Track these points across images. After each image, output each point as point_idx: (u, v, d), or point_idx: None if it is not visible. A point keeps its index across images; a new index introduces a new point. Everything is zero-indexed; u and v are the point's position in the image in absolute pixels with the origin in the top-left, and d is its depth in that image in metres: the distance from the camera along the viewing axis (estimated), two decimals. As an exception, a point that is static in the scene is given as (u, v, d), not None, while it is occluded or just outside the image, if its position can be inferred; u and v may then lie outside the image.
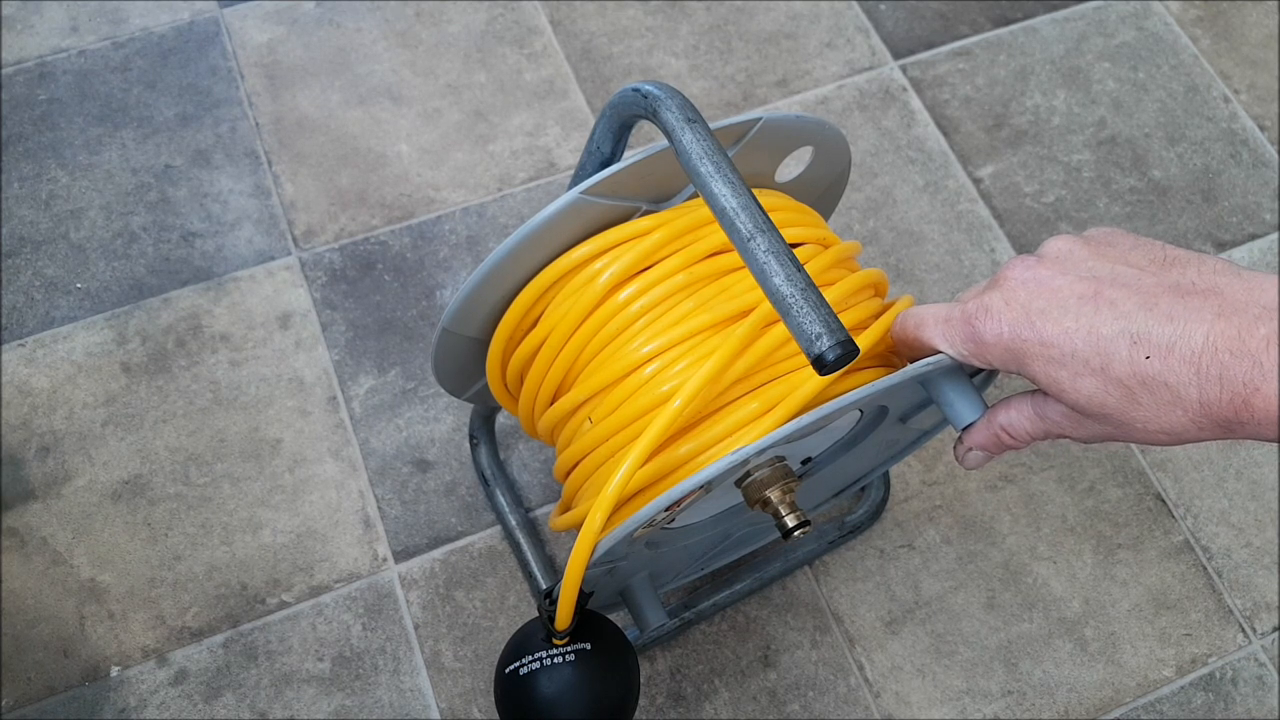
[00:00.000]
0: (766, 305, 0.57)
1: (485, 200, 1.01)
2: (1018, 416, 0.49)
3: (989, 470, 0.91)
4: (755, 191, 0.52)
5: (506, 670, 0.63)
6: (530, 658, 0.62)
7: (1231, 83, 1.11)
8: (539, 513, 0.88)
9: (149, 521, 0.86)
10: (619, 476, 0.55)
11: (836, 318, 0.46)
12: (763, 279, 0.48)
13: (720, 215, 0.50)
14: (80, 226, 0.98)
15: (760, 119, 0.61)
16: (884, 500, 0.89)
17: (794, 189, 0.69)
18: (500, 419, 0.90)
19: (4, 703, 0.79)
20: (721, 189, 0.50)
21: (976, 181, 1.05)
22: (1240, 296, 0.41)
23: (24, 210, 0.99)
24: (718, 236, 0.60)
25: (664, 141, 0.56)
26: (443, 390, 0.76)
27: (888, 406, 0.62)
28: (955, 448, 0.55)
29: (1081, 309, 0.42)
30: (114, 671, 0.81)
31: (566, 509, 0.66)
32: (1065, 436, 0.48)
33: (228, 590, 0.84)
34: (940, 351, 0.52)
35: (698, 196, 0.63)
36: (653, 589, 0.71)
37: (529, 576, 0.84)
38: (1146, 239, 0.46)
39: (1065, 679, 0.84)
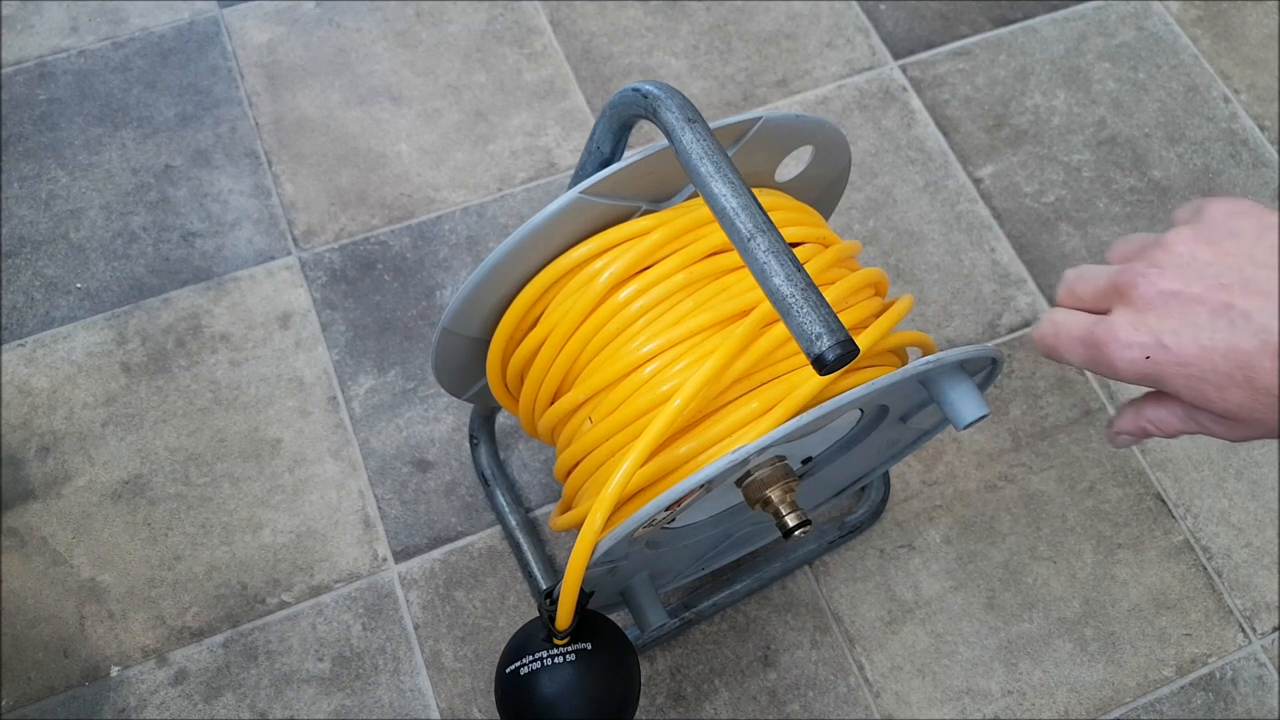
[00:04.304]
0: (766, 305, 0.57)
1: (485, 200, 1.01)
2: (1168, 415, 0.46)
3: (989, 470, 0.91)
4: (755, 191, 0.52)
5: (507, 670, 0.63)
6: (531, 658, 0.62)
7: (1231, 83, 1.11)
8: (539, 513, 0.88)
9: (149, 521, 0.86)
10: (619, 476, 0.55)
11: (836, 317, 0.46)
12: (763, 279, 0.48)
13: (720, 215, 0.50)
14: (80, 226, 0.98)
15: (760, 118, 0.61)
16: (884, 500, 0.89)
17: (794, 188, 0.69)
18: (500, 419, 0.90)
19: (4, 703, 0.79)
20: (721, 189, 0.50)
21: (976, 181, 1.05)
22: None
23: (24, 210, 0.99)
24: (717, 236, 0.60)
25: (664, 141, 0.56)
26: (443, 390, 0.76)
27: (888, 406, 0.62)
28: (1107, 426, 0.52)
29: (1216, 325, 0.41)
30: (114, 671, 0.81)
31: (567, 509, 0.66)
32: (1216, 436, 0.47)
33: (228, 590, 0.84)
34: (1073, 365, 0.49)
35: (698, 196, 0.63)
36: (653, 589, 0.71)
37: (529, 576, 0.84)
38: (1267, 217, 0.43)
39: (1065, 679, 0.84)
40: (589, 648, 0.62)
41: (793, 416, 0.55)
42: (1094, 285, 0.45)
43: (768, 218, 0.49)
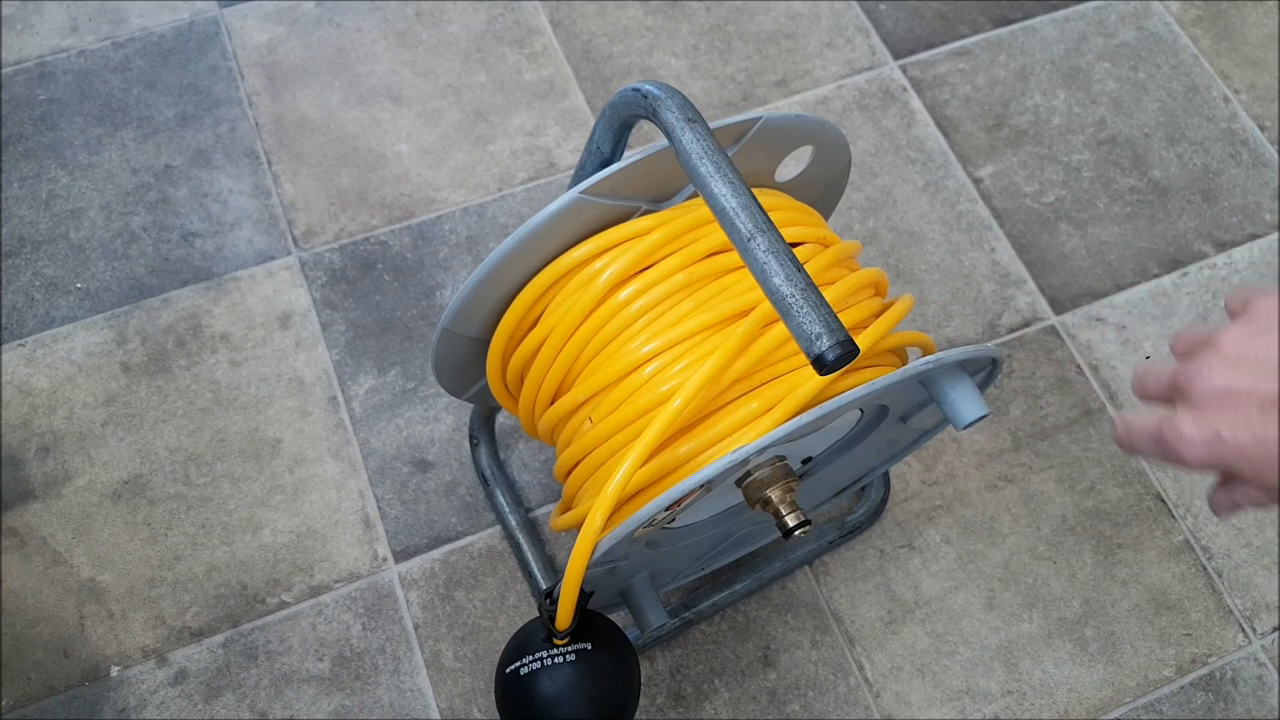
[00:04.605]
0: (766, 305, 0.57)
1: (485, 200, 1.01)
2: (1251, 492, 0.51)
3: (989, 470, 0.91)
4: (755, 191, 0.52)
5: (507, 670, 0.63)
6: (531, 658, 0.62)
7: (1231, 83, 1.11)
8: (539, 513, 0.88)
9: (149, 521, 0.86)
10: (619, 476, 0.55)
11: (836, 318, 0.46)
12: (763, 279, 0.48)
13: (720, 215, 0.50)
14: (80, 226, 0.98)
15: (760, 118, 0.61)
16: (884, 500, 0.89)
17: (794, 188, 0.69)
18: (500, 419, 0.90)
19: (4, 703, 0.79)
20: (721, 189, 0.50)
21: (976, 181, 1.05)
22: None
23: (24, 210, 0.99)
24: (717, 236, 0.60)
25: (664, 141, 0.56)
26: (443, 390, 0.76)
27: (888, 406, 0.62)
28: (1209, 500, 0.56)
29: (1267, 419, 0.45)
30: (114, 671, 0.81)
31: (567, 509, 0.66)
32: None
33: (228, 590, 0.84)
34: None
35: (698, 196, 0.63)
36: (653, 589, 0.71)
37: (529, 576, 0.84)
38: None
39: (1065, 679, 0.84)
40: (589, 648, 0.62)
41: (793, 416, 0.55)
42: (1159, 382, 0.49)
43: (768, 218, 0.49)
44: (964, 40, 1.13)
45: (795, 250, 0.53)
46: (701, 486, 0.53)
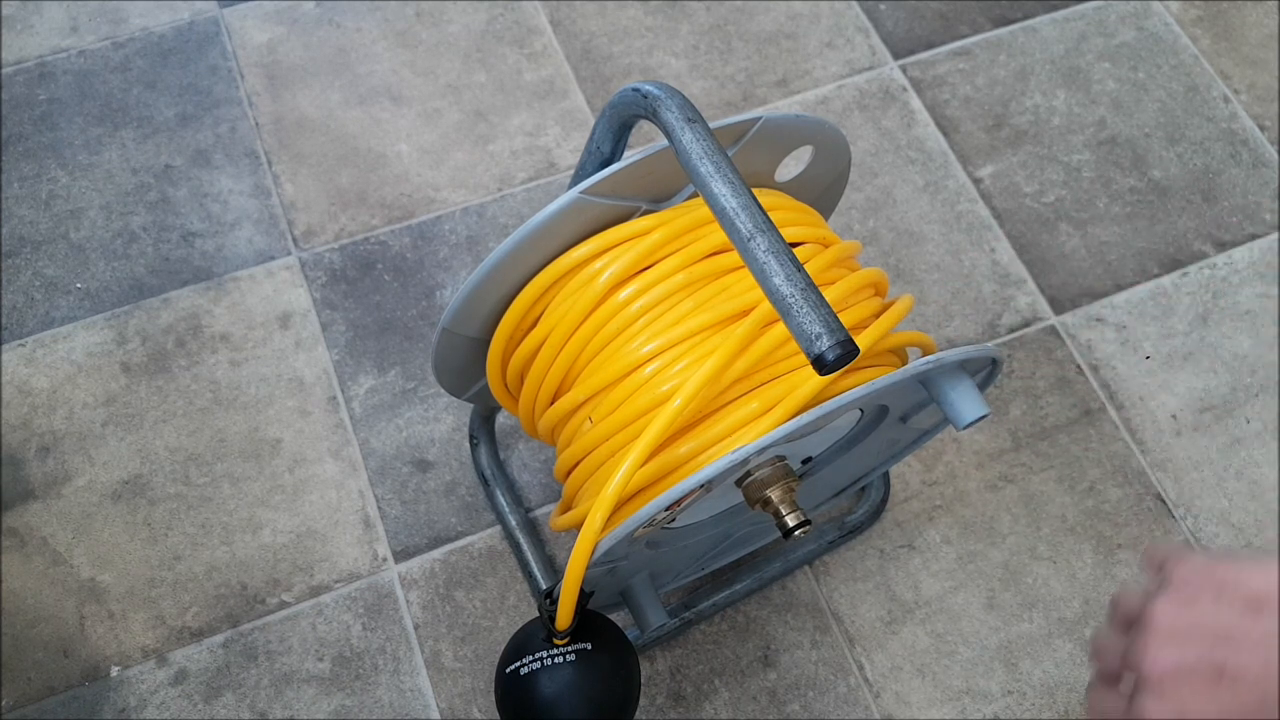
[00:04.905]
0: (766, 305, 0.57)
1: (485, 200, 1.01)
2: None
3: (989, 470, 0.91)
4: (755, 191, 0.52)
5: (507, 670, 0.63)
6: (531, 658, 0.62)
7: (1231, 83, 1.11)
8: (539, 513, 0.88)
9: (149, 521, 0.86)
10: (619, 476, 0.55)
11: (836, 318, 0.46)
12: (763, 279, 0.48)
13: (720, 215, 0.50)
14: (80, 226, 0.98)
15: (760, 118, 0.61)
16: (884, 500, 0.89)
17: (794, 188, 0.69)
18: (500, 419, 0.90)
19: (4, 703, 0.79)
20: (721, 189, 0.50)
21: (976, 181, 1.05)
22: None
23: (24, 210, 0.99)
24: (717, 236, 0.60)
25: (664, 141, 0.56)
26: (443, 390, 0.76)
27: (888, 406, 0.62)
28: None
29: (1218, 693, 0.46)
30: (114, 671, 0.81)
31: (567, 509, 0.66)
32: None
33: (228, 590, 0.84)
34: None
35: (698, 196, 0.63)
36: (653, 589, 0.71)
37: (529, 576, 0.84)
38: (1219, 572, 0.48)
39: (1065, 679, 0.84)
40: (589, 648, 0.62)
41: (793, 416, 0.55)
42: (1113, 660, 0.51)
43: (768, 218, 0.49)
44: (964, 40, 1.13)
45: (795, 250, 0.53)
46: (701, 486, 0.53)
